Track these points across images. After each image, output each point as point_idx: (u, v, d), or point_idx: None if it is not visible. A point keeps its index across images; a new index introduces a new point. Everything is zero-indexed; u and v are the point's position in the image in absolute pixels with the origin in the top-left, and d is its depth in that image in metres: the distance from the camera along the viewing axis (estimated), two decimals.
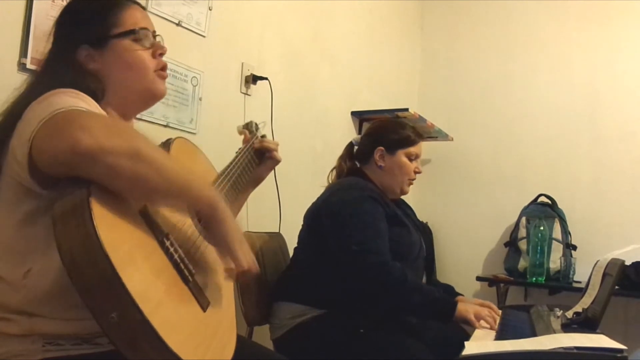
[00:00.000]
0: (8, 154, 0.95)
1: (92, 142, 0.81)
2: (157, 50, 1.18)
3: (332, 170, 2.05)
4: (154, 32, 1.19)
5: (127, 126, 0.93)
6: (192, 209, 1.03)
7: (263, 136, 1.51)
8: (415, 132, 1.98)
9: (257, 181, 1.49)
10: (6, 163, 0.96)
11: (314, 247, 1.84)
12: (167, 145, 1.14)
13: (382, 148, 1.93)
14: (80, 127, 0.82)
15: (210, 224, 0.97)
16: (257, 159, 1.46)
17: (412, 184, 1.97)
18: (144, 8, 1.22)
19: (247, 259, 0.97)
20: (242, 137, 1.50)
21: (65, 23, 1.15)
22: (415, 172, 1.95)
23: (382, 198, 1.84)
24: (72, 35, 1.12)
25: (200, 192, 0.94)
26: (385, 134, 1.95)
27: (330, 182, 2.01)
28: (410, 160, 1.93)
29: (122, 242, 0.80)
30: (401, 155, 1.92)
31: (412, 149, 1.93)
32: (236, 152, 1.40)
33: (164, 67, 1.19)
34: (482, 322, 1.64)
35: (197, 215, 1.05)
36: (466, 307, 1.67)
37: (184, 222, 1.01)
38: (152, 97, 1.18)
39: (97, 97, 1.08)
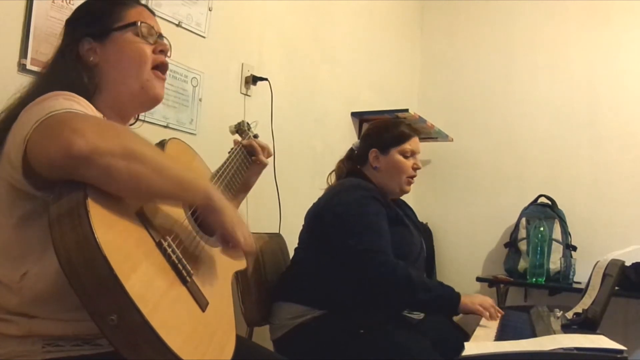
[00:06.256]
0: (3, 157, 0.95)
1: (85, 144, 0.80)
2: (159, 47, 1.18)
3: (331, 173, 2.04)
4: (160, 33, 1.21)
5: (120, 127, 0.93)
6: (186, 205, 1.05)
7: (255, 136, 1.51)
8: (410, 128, 1.98)
9: (247, 187, 1.48)
10: (1, 165, 0.96)
11: (314, 248, 1.84)
12: (161, 146, 1.14)
13: (375, 150, 1.93)
14: (73, 130, 0.82)
15: (207, 214, 0.99)
16: (250, 159, 1.45)
17: (412, 182, 1.95)
18: (152, 12, 1.22)
19: (248, 242, 1.05)
20: (235, 137, 1.50)
21: (72, 21, 1.18)
22: (414, 169, 1.93)
23: (383, 198, 1.85)
24: (76, 30, 1.14)
25: (195, 185, 0.96)
26: (378, 134, 1.96)
27: (330, 184, 2.01)
28: (406, 157, 1.92)
29: (120, 244, 0.80)
30: (395, 154, 1.92)
31: (406, 146, 1.92)
32: (228, 153, 1.39)
33: (163, 66, 1.19)
34: (484, 319, 1.67)
35: (194, 209, 1.06)
36: (471, 299, 1.71)
37: (181, 223, 1.01)
38: (146, 97, 1.17)
39: (90, 92, 1.08)
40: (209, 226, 1.06)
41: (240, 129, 1.50)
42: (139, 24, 1.15)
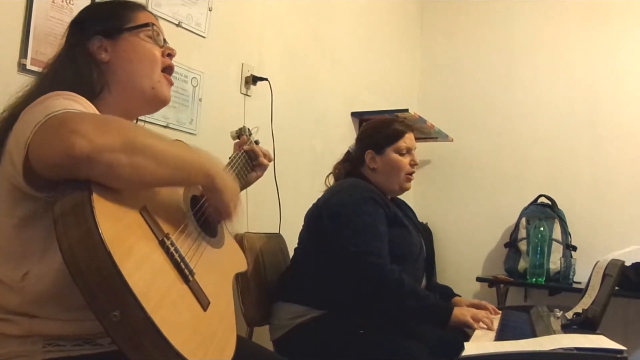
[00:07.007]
0: (5, 156, 0.95)
1: (86, 143, 0.80)
2: (167, 50, 1.21)
3: (328, 175, 2.04)
4: (164, 38, 1.23)
5: (117, 119, 0.92)
6: (189, 191, 1.07)
7: (256, 142, 1.52)
8: (403, 124, 1.97)
9: (243, 186, 1.49)
10: (3, 165, 0.96)
11: (314, 248, 1.84)
12: None
13: (371, 151, 1.92)
14: (72, 131, 0.82)
15: (210, 194, 1.02)
16: (251, 164, 1.47)
17: (411, 179, 1.94)
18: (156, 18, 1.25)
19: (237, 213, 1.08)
20: (236, 141, 1.51)
21: (79, 20, 1.18)
22: (412, 165, 1.92)
23: (382, 199, 1.84)
24: (86, 29, 1.14)
25: (197, 166, 0.98)
26: (372, 135, 1.95)
27: (328, 185, 2.01)
28: (402, 155, 1.91)
29: (124, 240, 0.80)
30: (390, 153, 1.90)
31: (401, 144, 1.91)
32: (229, 158, 1.40)
33: (170, 69, 1.21)
34: (480, 323, 1.63)
35: (197, 208, 1.07)
36: (462, 312, 1.66)
37: (184, 222, 1.02)
38: (154, 99, 1.18)
39: (96, 90, 1.09)
40: (211, 220, 1.07)
41: (242, 134, 1.51)
42: (151, 26, 1.18)
